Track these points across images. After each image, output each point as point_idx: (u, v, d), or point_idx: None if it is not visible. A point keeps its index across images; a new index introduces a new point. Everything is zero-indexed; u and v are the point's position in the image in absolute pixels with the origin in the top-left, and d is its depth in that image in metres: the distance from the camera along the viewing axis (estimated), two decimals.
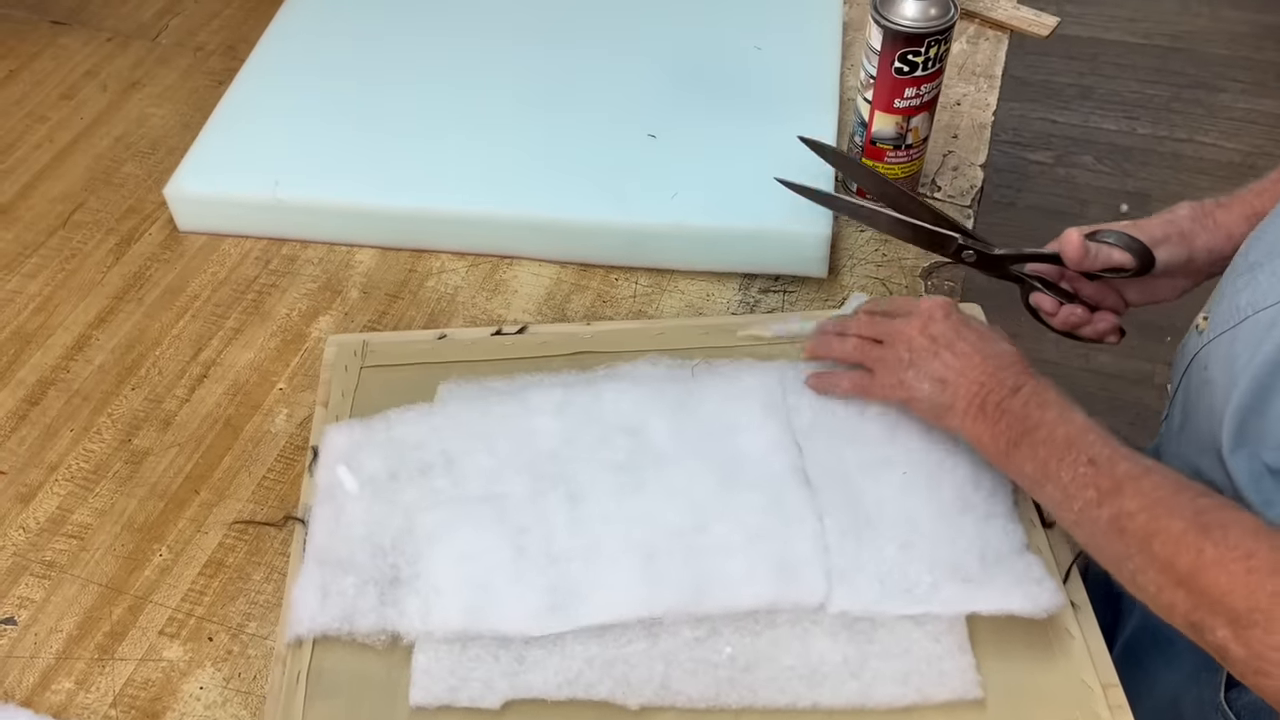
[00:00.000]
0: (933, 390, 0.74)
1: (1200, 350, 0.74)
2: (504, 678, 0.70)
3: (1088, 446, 0.66)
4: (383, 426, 0.82)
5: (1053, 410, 0.69)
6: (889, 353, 0.77)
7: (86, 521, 0.82)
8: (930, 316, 0.77)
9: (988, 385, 0.72)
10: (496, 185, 0.98)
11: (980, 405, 0.71)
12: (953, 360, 0.74)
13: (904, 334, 0.77)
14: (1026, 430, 0.69)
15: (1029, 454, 0.68)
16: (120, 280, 0.99)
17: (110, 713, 0.72)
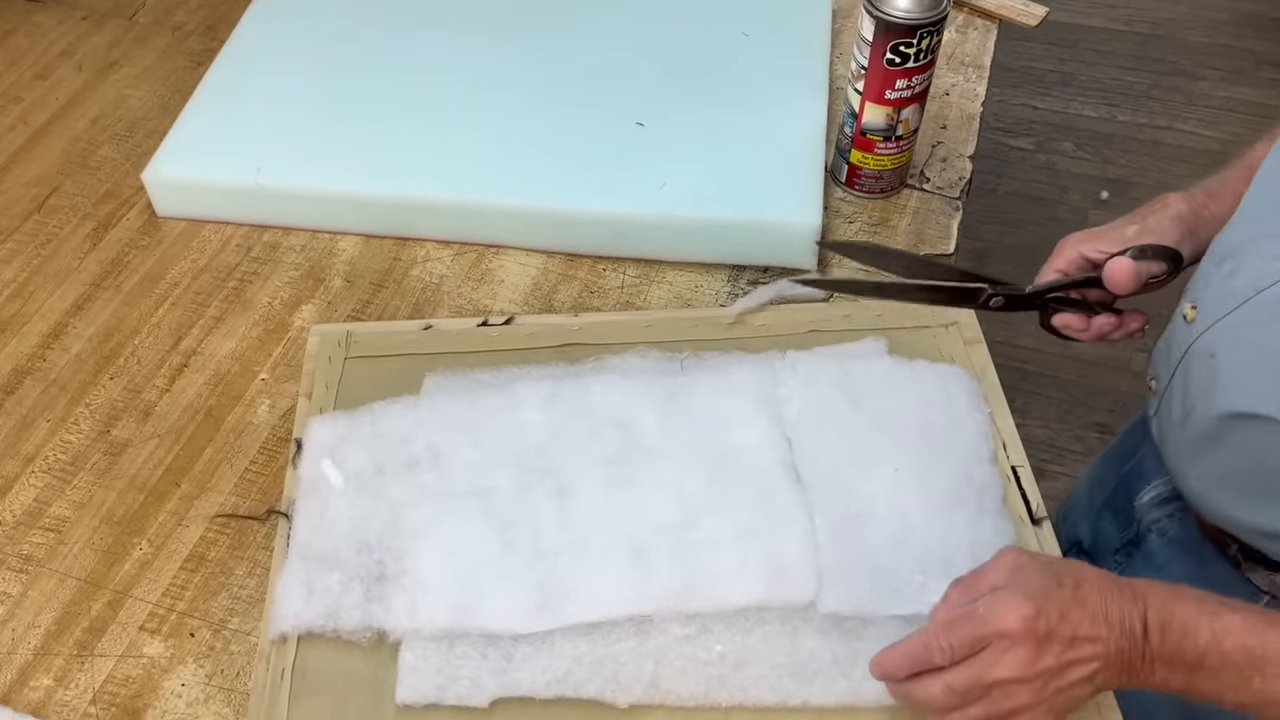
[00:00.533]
0: (1084, 693, 0.61)
1: (1197, 339, 0.74)
2: (492, 676, 0.69)
3: (1274, 649, 0.59)
4: (368, 420, 0.81)
5: (1201, 632, 0.60)
6: (1018, 701, 0.60)
7: (64, 514, 0.80)
8: (1035, 633, 0.59)
9: (1123, 647, 0.60)
10: (483, 173, 0.97)
11: (1130, 670, 0.61)
12: (1085, 650, 0.60)
13: (1025, 678, 0.60)
14: (1193, 668, 0.60)
15: (1219, 688, 0.60)
16: (98, 267, 0.97)
17: (90, 710, 0.71)
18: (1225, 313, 0.71)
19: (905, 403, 0.80)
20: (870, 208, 1.03)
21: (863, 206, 1.03)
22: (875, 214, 1.03)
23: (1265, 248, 0.69)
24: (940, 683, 0.62)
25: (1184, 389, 0.77)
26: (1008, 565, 0.63)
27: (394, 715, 0.69)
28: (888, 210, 1.03)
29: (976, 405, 0.81)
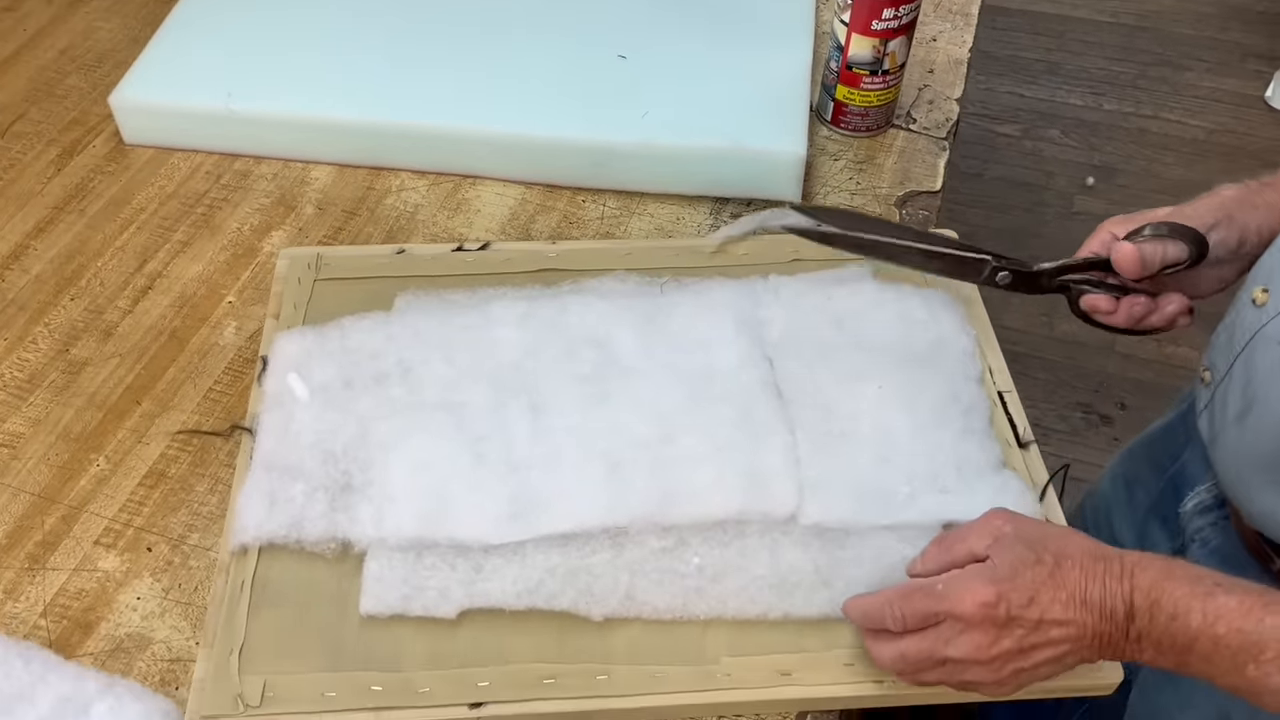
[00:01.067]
0: (1054, 671, 0.60)
1: (1267, 325, 0.68)
2: (460, 586, 0.67)
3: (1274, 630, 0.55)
4: (336, 335, 0.78)
5: (1192, 612, 0.56)
6: (973, 676, 0.60)
7: (19, 430, 0.77)
8: (992, 617, 0.58)
9: (1103, 631, 0.58)
10: (460, 100, 0.95)
11: (1113, 648, 0.59)
12: (1053, 634, 0.58)
13: (978, 659, 0.59)
14: (1184, 650, 0.57)
15: (1210, 671, 0.57)
16: (61, 191, 0.94)
17: (40, 622, 0.68)
18: None
19: (890, 324, 0.78)
20: (856, 146, 1.01)
21: (848, 144, 1.01)
22: (861, 152, 1.01)
23: None
24: (895, 648, 0.61)
25: (1245, 380, 0.70)
26: (991, 532, 0.61)
27: (358, 627, 0.66)
28: (873, 149, 1.01)
29: (962, 327, 0.79)
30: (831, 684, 0.65)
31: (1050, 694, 0.66)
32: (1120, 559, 0.59)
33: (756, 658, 0.66)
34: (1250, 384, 0.70)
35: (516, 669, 0.65)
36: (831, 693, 0.65)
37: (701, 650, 0.66)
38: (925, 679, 0.62)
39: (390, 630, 0.66)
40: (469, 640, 0.66)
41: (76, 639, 0.67)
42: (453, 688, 0.64)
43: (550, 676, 0.64)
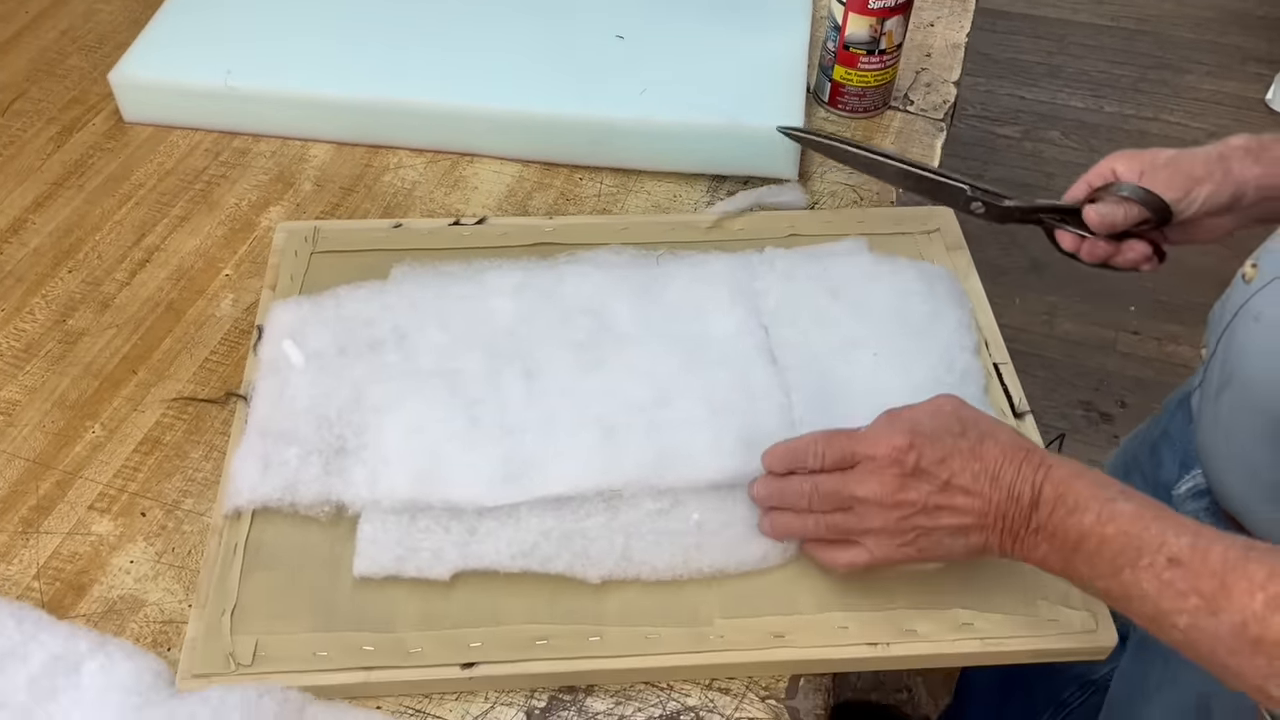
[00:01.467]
0: (956, 542, 0.61)
1: (1250, 299, 0.69)
2: (454, 548, 0.66)
3: (1156, 542, 0.54)
4: (332, 304, 0.78)
5: (1089, 511, 0.57)
6: (872, 524, 0.61)
7: (14, 398, 0.77)
8: (900, 467, 0.60)
9: (1008, 511, 0.59)
10: (457, 78, 0.95)
11: (1011, 533, 0.59)
12: (959, 501, 0.59)
13: (881, 499, 0.60)
14: (1073, 547, 0.57)
15: (1092, 572, 0.57)
16: (60, 167, 0.94)
17: (33, 585, 0.68)
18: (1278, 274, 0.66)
19: (885, 294, 0.78)
20: (853, 127, 1.01)
21: (846, 125, 1.02)
22: (858, 133, 1.01)
23: None
24: (809, 481, 0.64)
25: (1226, 356, 0.71)
26: (932, 405, 0.63)
27: (350, 590, 0.66)
28: (871, 130, 1.01)
29: (958, 299, 0.79)
30: (825, 646, 0.65)
31: (1041, 658, 0.66)
32: (1041, 453, 0.60)
33: (749, 620, 0.65)
34: (1229, 360, 0.70)
35: (509, 630, 0.65)
36: (824, 655, 0.65)
37: (695, 612, 0.66)
38: (831, 519, 0.63)
39: (383, 592, 0.66)
40: (462, 602, 0.66)
41: (69, 601, 0.67)
42: (445, 648, 0.64)
43: (543, 637, 0.64)
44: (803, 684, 0.65)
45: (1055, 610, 0.66)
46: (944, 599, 0.66)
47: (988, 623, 0.66)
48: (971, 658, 0.66)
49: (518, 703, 0.64)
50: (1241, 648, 0.51)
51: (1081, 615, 0.66)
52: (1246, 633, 0.51)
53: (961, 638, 0.65)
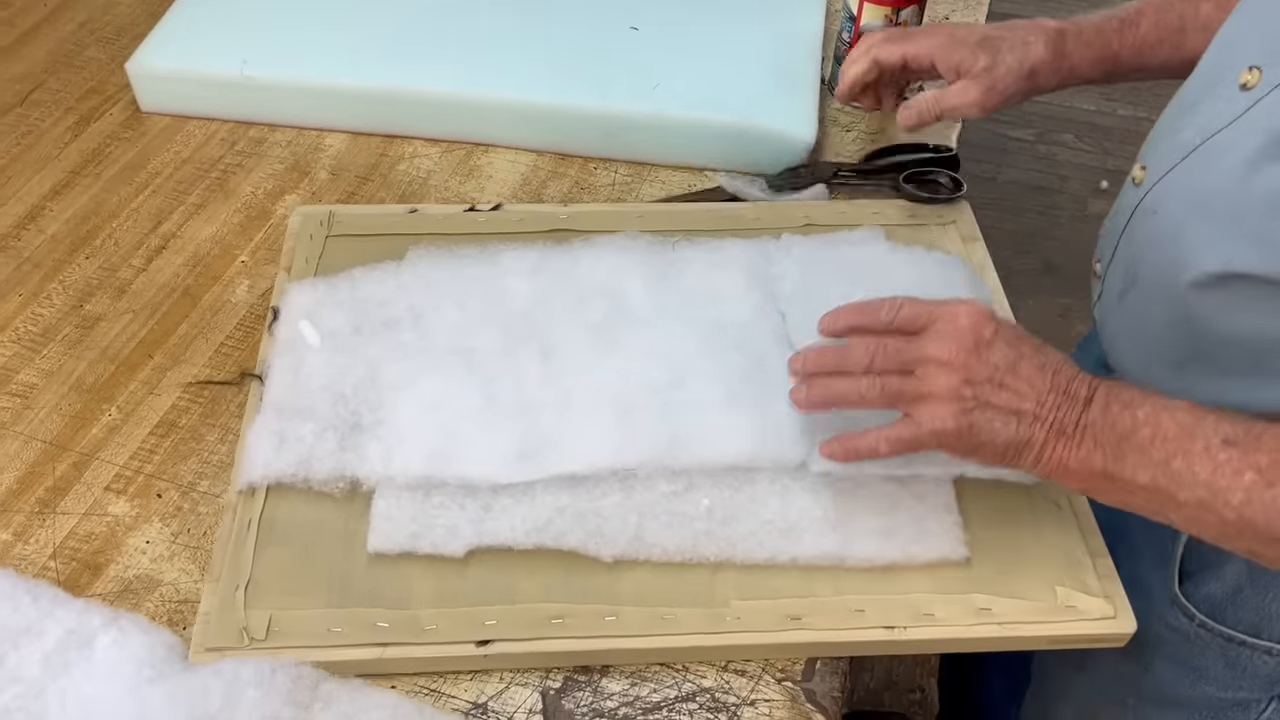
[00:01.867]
0: (1005, 428, 0.60)
1: (1143, 199, 0.71)
2: (469, 524, 0.66)
3: (1211, 428, 0.56)
4: (347, 285, 0.78)
5: (1143, 406, 0.58)
6: (936, 387, 0.60)
7: (32, 381, 0.78)
8: (979, 336, 0.60)
9: (1060, 404, 0.60)
10: (473, 67, 0.95)
11: (1059, 429, 0.59)
12: (1020, 385, 0.60)
13: (955, 362, 0.60)
14: (1123, 438, 0.58)
15: (1139, 464, 0.57)
16: (78, 156, 0.95)
17: (50, 564, 0.68)
18: (1172, 166, 0.68)
19: (902, 281, 0.78)
20: (868, 118, 1.01)
21: (860, 116, 1.01)
22: (873, 123, 1.01)
23: (1219, 92, 0.67)
24: (877, 340, 0.63)
25: (1128, 257, 0.73)
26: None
27: (365, 566, 0.66)
28: (885, 120, 1.01)
29: (974, 287, 0.79)
30: (841, 629, 0.64)
31: (1059, 644, 0.66)
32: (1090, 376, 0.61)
33: (766, 601, 0.65)
34: (1132, 259, 0.72)
35: (524, 608, 0.64)
36: (841, 637, 0.64)
37: (711, 593, 0.65)
38: (889, 382, 0.62)
39: (397, 569, 0.66)
40: (477, 580, 0.66)
41: (85, 580, 0.67)
42: (460, 625, 0.64)
43: (558, 616, 0.64)
44: (819, 666, 0.65)
45: (1074, 597, 0.66)
46: (962, 584, 0.66)
47: (1005, 608, 0.65)
48: (988, 643, 0.65)
49: (533, 683, 0.63)
50: None
51: (1099, 602, 0.66)
52: None
53: (979, 622, 0.65)
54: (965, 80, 0.80)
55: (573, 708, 0.63)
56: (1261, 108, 0.62)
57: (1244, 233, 0.62)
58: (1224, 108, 0.65)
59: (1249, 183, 0.62)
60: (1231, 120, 0.64)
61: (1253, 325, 0.64)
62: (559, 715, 0.62)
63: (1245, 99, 0.64)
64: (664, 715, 0.62)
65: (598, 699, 0.63)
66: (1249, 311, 0.64)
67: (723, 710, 0.63)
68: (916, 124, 0.84)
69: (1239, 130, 0.64)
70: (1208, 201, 0.65)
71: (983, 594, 0.65)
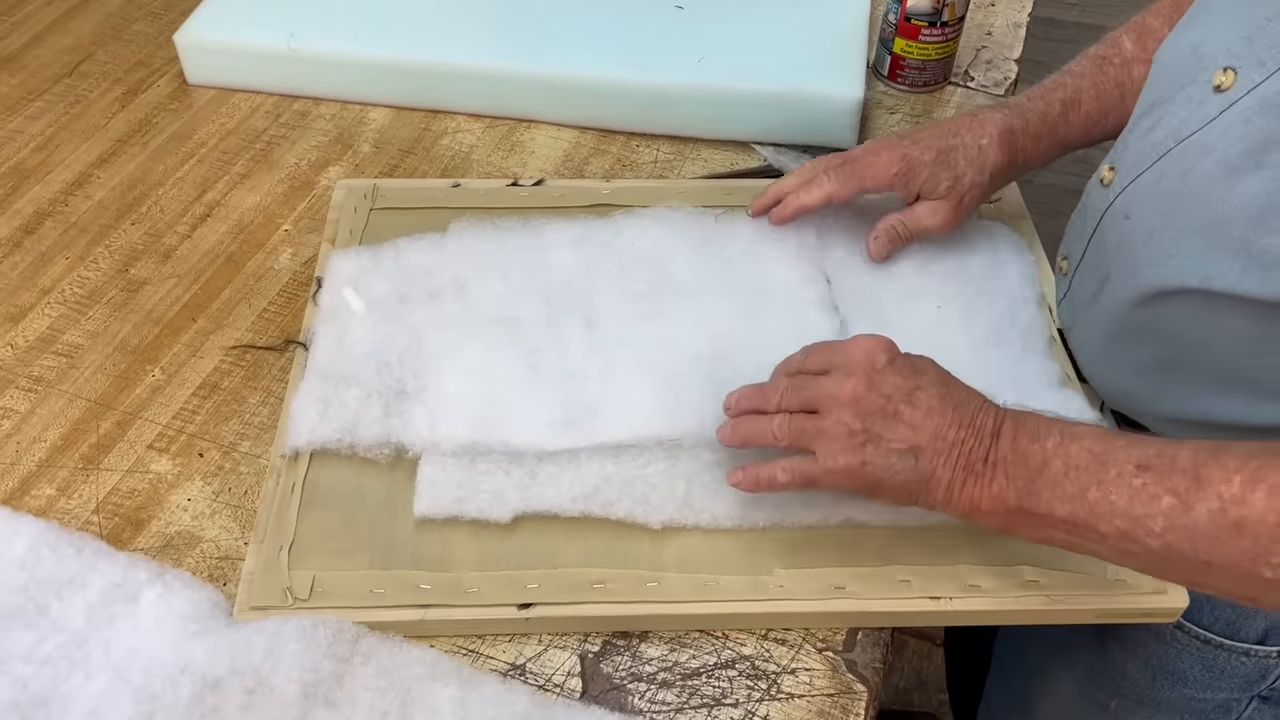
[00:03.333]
0: (902, 464, 0.58)
1: (1113, 202, 0.69)
2: (515, 490, 0.66)
3: (1123, 454, 0.53)
4: (391, 254, 0.78)
5: (1051, 436, 0.56)
6: (829, 423, 0.59)
7: (77, 342, 0.78)
8: (870, 365, 0.60)
9: (965, 440, 0.57)
10: (517, 43, 0.95)
11: (966, 467, 0.57)
12: (916, 418, 0.58)
13: (843, 398, 0.59)
14: (1036, 472, 0.55)
15: (1055, 497, 0.55)
16: (125, 126, 0.95)
17: (92, 519, 0.68)
18: (1143, 169, 0.66)
19: (947, 246, 0.77)
20: (913, 101, 1.01)
21: (905, 99, 1.01)
22: (918, 107, 1.00)
23: (1191, 94, 0.64)
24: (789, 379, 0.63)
25: (1098, 260, 0.71)
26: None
27: (408, 530, 0.66)
28: (930, 104, 1.00)
29: (1020, 253, 0.78)
30: (886, 599, 0.64)
31: (1108, 618, 0.64)
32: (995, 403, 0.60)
33: (810, 570, 0.64)
34: (1103, 261, 0.70)
35: (566, 573, 0.64)
36: (885, 607, 0.64)
37: (754, 561, 0.65)
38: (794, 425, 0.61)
39: (440, 533, 0.66)
40: (519, 546, 0.65)
41: (128, 535, 0.67)
42: (502, 588, 0.63)
43: (600, 581, 0.64)
44: (861, 637, 0.64)
45: (1124, 571, 0.65)
46: (1010, 556, 0.65)
47: (1054, 580, 0.64)
48: (1036, 615, 0.64)
49: (571, 646, 0.63)
50: (1222, 535, 0.50)
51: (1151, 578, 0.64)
52: (1226, 518, 0.49)
53: (1026, 594, 0.64)
54: (934, 201, 0.76)
55: (611, 671, 0.62)
56: (1237, 111, 0.60)
57: (1225, 247, 0.60)
58: (1196, 110, 0.63)
59: (1230, 192, 0.59)
60: (1205, 123, 0.62)
61: (1225, 337, 0.62)
62: (597, 679, 0.62)
63: (1219, 101, 0.61)
64: (703, 681, 0.62)
65: (636, 664, 0.62)
66: (1221, 322, 0.62)
67: (762, 678, 0.62)
68: (888, 256, 0.78)
69: (1215, 133, 0.61)
70: (1183, 209, 0.62)
71: (1031, 565, 0.64)
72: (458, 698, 0.58)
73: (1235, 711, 0.74)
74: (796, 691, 0.61)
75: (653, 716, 0.60)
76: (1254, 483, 0.49)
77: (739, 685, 0.61)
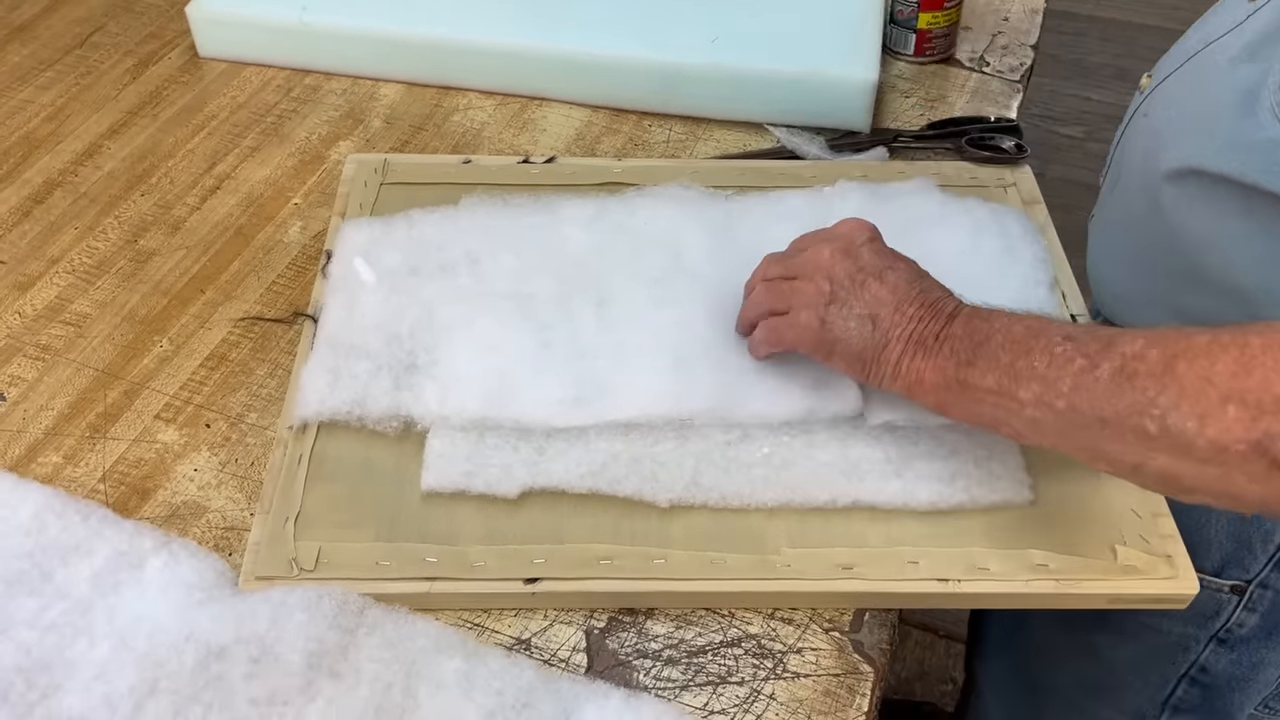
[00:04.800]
0: (860, 329, 0.60)
1: (1142, 103, 0.72)
2: (523, 466, 0.66)
3: (1055, 330, 0.55)
4: (404, 225, 0.78)
5: (1000, 317, 0.58)
6: (804, 285, 0.63)
7: (85, 311, 0.78)
8: (850, 240, 0.63)
9: (923, 317, 0.59)
10: (529, 20, 0.95)
11: (918, 340, 0.59)
12: (882, 292, 0.60)
13: (820, 263, 0.63)
14: (977, 344, 0.57)
15: (987, 368, 0.56)
16: (136, 97, 0.95)
17: (99, 487, 0.68)
18: (1171, 71, 0.69)
19: (959, 231, 0.77)
20: (928, 84, 1.00)
21: (919, 82, 1.00)
22: (933, 90, 0.99)
23: (1229, 4, 0.67)
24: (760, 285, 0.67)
25: (1119, 158, 0.74)
26: None
27: (415, 504, 0.65)
28: (945, 87, 1.00)
29: (1031, 236, 0.78)
30: (893, 580, 0.63)
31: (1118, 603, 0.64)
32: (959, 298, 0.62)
33: (817, 550, 0.64)
34: (1122, 157, 0.74)
35: (573, 548, 0.64)
36: (893, 588, 0.63)
37: (762, 539, 0.64)
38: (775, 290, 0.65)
39: (447, 508, 0.65)
40: (527, 521, 0.65)
41: (134, 504, 0.67)
42: (508, 563, 0.63)
43: (607, 557, 0.63)
44: (868, 618, 0.64)
45: (1134, 556, 0.64)
46: (1019, 538, 0.65)
47: (1063, 565, 0.64)
48: (1044, 599, 0.64)
49: (577, 621, 0.63)
50: (1116, 389, 0.50)
51: (1161, 562, 0.64)
52: (1123, 372, 0.50)
53: (1035, 578, 0.63)
54: None
55: (616, 647, 0.62)
56: (1260, 15, 0.63)
57: (1213, 130, 0.63)
58: (1228, 18, 0.67)
59: (1226, 82, 0.63)
60: (1232, 28, 0.65)
61: (1215, 227, 0.64)
62: (603, 654, 0.62)
63: (1247, 8, 0.65)
64: (708, 659, 0.61)
65: (642, 640, 0.62)
66: (1211, 212, 0.64)
67: (768, 657, 0.62)
68: None
69: (1234, 35, 0.65)
70: (1190, 100, 0.66)
71: (1040, 549, 0.64)
72: (462, 670, 0.58)
73: (1194, 651, 0.74)
74: (803, 671, 0.61)
75: (658, 693, 0.60)
76: (1155, 341, 0.51)
77: (745, 663, 0.61)
